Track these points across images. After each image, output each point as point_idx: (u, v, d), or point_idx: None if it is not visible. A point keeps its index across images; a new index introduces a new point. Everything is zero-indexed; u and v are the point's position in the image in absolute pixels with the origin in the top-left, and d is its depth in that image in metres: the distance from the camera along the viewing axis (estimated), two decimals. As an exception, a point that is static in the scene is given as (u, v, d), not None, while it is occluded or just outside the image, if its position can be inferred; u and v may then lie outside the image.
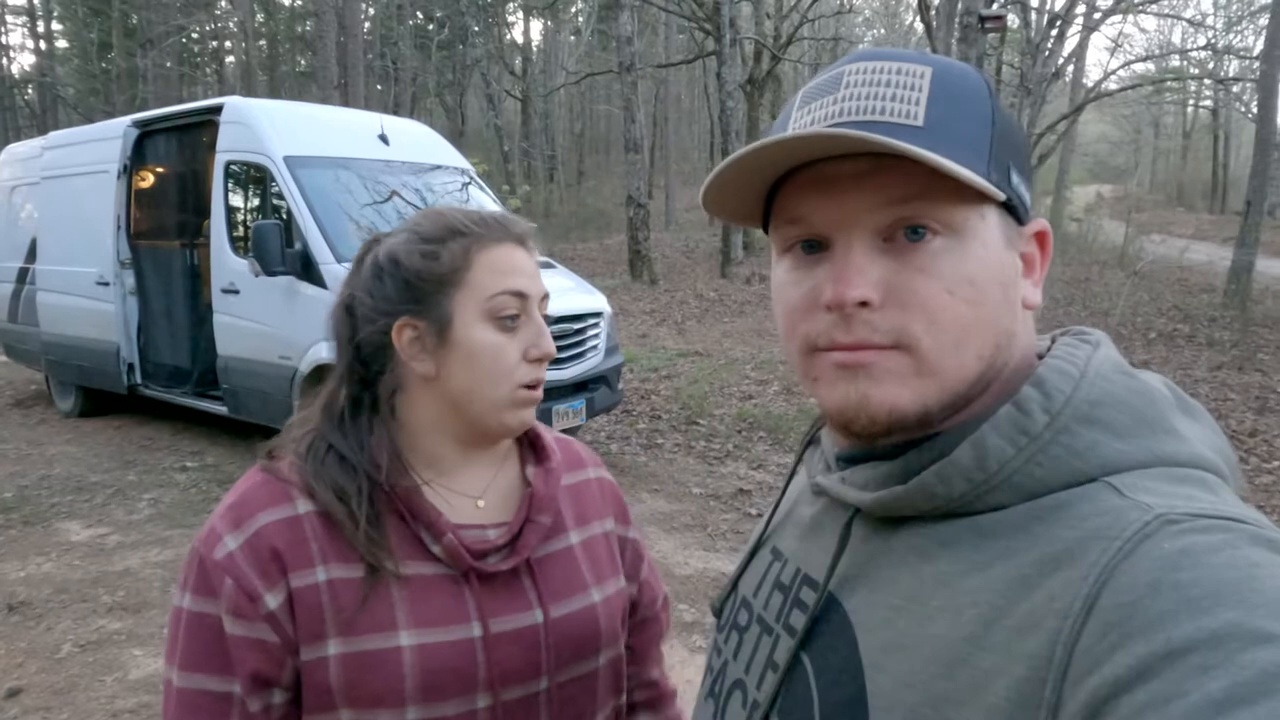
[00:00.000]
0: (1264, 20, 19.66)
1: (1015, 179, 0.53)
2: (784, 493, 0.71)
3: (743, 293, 12.44)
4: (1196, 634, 0.37)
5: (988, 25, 8.35)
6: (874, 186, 0.51)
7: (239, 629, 0.77)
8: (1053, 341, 0.57)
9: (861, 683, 0.50)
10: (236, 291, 5.56)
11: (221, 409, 5.85)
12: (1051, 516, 0.47)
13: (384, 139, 6.07)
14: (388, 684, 0.78)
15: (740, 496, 5.06)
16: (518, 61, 28.48)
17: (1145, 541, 0.42)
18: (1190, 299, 11.07)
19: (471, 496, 0.89)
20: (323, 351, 5.01)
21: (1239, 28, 27.43)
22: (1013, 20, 12.33)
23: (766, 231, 0.59)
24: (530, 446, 0.97)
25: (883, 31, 37.37)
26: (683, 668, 3.19)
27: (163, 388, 6.39)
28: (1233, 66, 24.77)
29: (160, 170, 6.77)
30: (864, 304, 0.51)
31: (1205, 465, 0.49)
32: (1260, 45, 21.98)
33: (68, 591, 3.72)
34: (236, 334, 5.57)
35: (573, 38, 30.62)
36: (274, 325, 5.31)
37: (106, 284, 6.45)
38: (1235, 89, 25.32)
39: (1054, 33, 15.15)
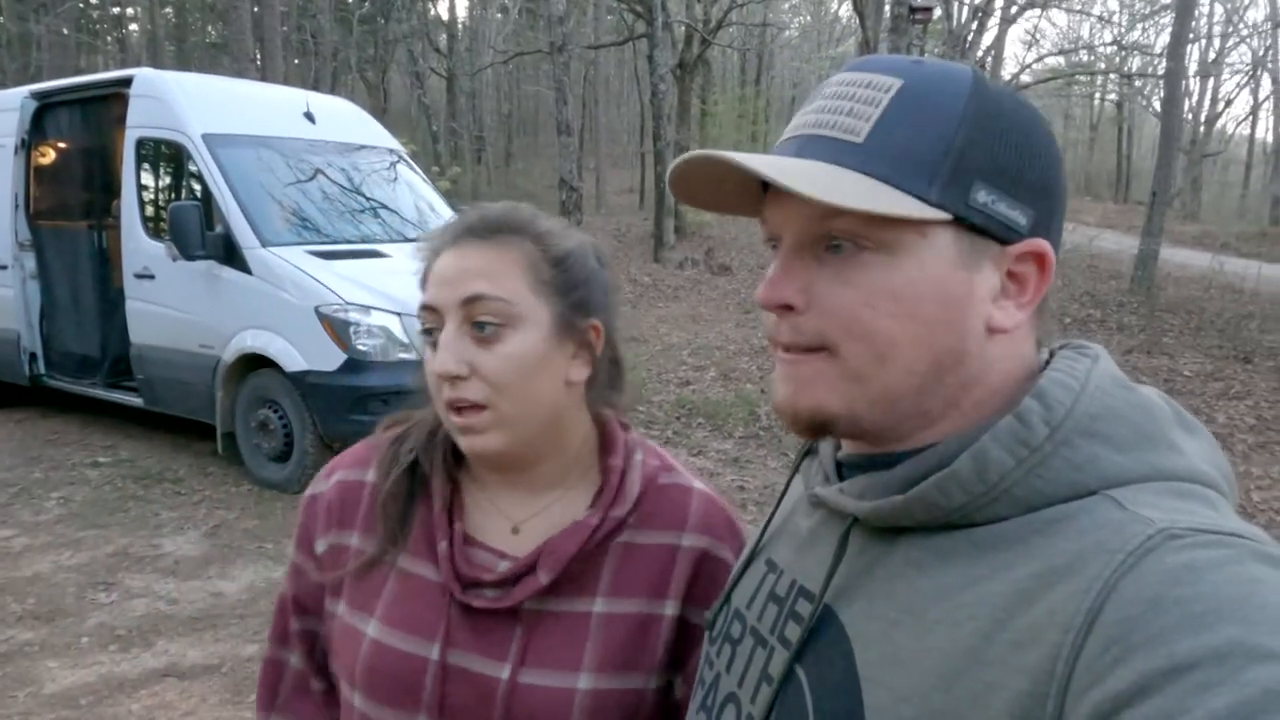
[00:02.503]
0: (1167, 19, 20.67)
1: (983, 197, 0.51)
2: (779, 503, 0.70)
3: (676, 277, 12.46)
4: (1199, 650, 0.37)
5: (916, 16, 8.50)
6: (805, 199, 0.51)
7: (297, 557, 0.89)
8: (1051, 355, 0.56)
9: (858, 696, 0.50)
10: (151, 276, 5.25)
11: (136, 401, 5.54)
12: (1051, 529, 0.47)
13: (310, 117, 5.81)
14: (349, 662, 0.80)
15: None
16: (443, 39, 27.76)
17: (1148, 556, 0.42)
18: (1100, 285, 11.57)
19: (510, 519, 0.82)
20: (247, 339, 4.79)
21: (1143, 25, 28.74)
22: (937, 11, 12.62)
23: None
24: (607, 484, 0.81)
25: (808, 18, 37.82)
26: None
27: (70, 378, 6.01)
28: (1136, 62, 25.99)
29: (63, 145, 6.33)
30: (788, 307, 0.54)
31: (1205, 480, 0.49)
32: (1161, 42, 23.14)
33: (-30, 600, 3.47)
34: (152, 321, 5.27)
35: (500, 15, 30.01)
36: (194, 312, 5.04)
37: (4, 267, 6.03)
38: (1138, 84, 26.56)
39: (974, 25, 15.57)
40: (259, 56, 16.38)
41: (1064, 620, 0.42)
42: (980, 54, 17.14)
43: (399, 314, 4.60)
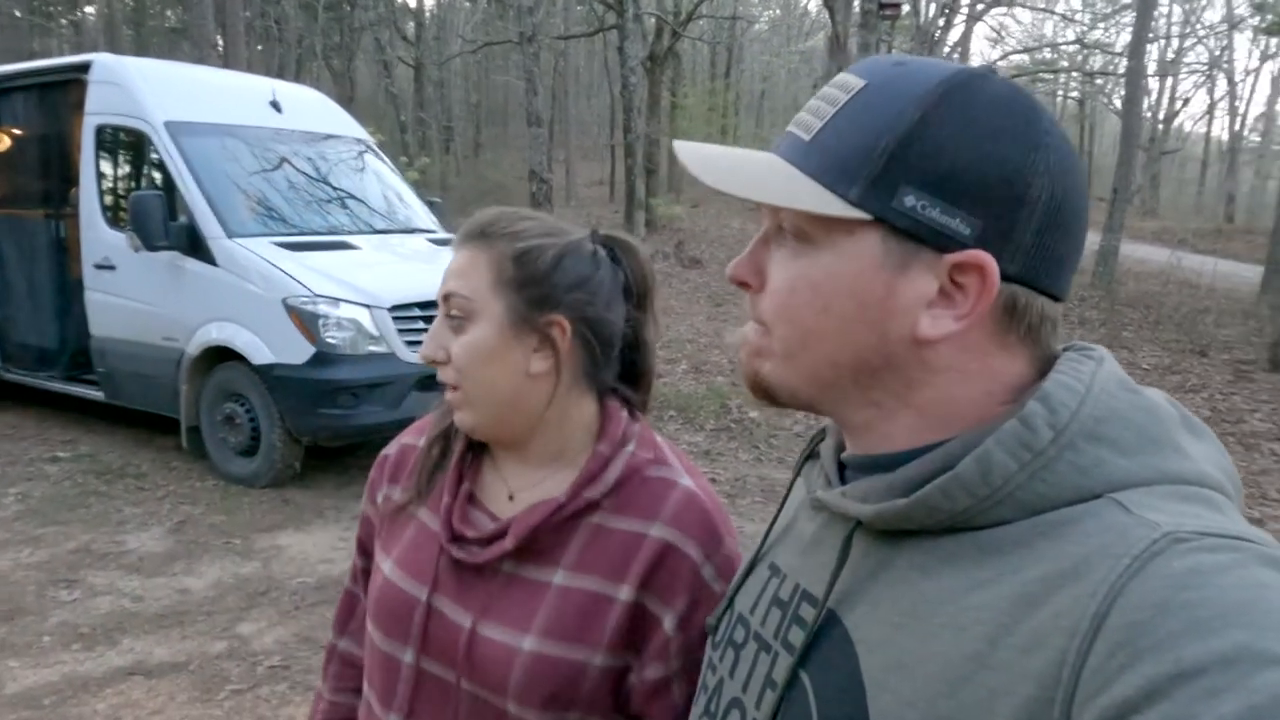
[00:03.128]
0: (1128, 18, 21.05)
1: (911, 201, 0.50)
2: (781, 507, 0.70)
3: (646, 270, 12.46)
4: (1206, 656, 0.37)
5: (885, 12, 8.57)
6: None
7: (367, 507, 1.02)
8: (1054, 358, 0.56)
9: (863, 702, 0.50)
10: (112, 267, 5.14)
11: (97, 394, 5.42)
12: (1056, 533, 0.46)
13: (276, 106, 5.70)
14: (370, 596, 0.93)
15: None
16: (410, 27, 27.41)
17: (1154, 560, 0.42)
18: (1063, 280, 11.79)
19: (509, 487, 0.91)
20: (212, 332, 4.71)
21: (1104, 24, 29.26)
22: (905, 8, 12.72)
23: None
24: (590, 470, 0.87)
25: (778, 11, 37.94)
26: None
27: (27, 371, 5.86)
28: (1098, 61, 26.46)
29: (17, 131, 6.15)
30: (744, 283, 0.58)
31: (1211, 484, 0.48)
32: (1121, 41, 23.57)
33: (-75, 599, 3.38)
34: (113, 313, 5.16)
35: (468, 4, 29.70)
36: (157, 304, 4.94)
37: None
38: (1100, 82, 27.06)
39: (942, 21, 15.74)
40: (221, 42, 16.05)
41: (1070, 625, 0.42)
42: (947, 50, 17.32)
43: (369, 306, 4.55)
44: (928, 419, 0.54)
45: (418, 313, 4.70)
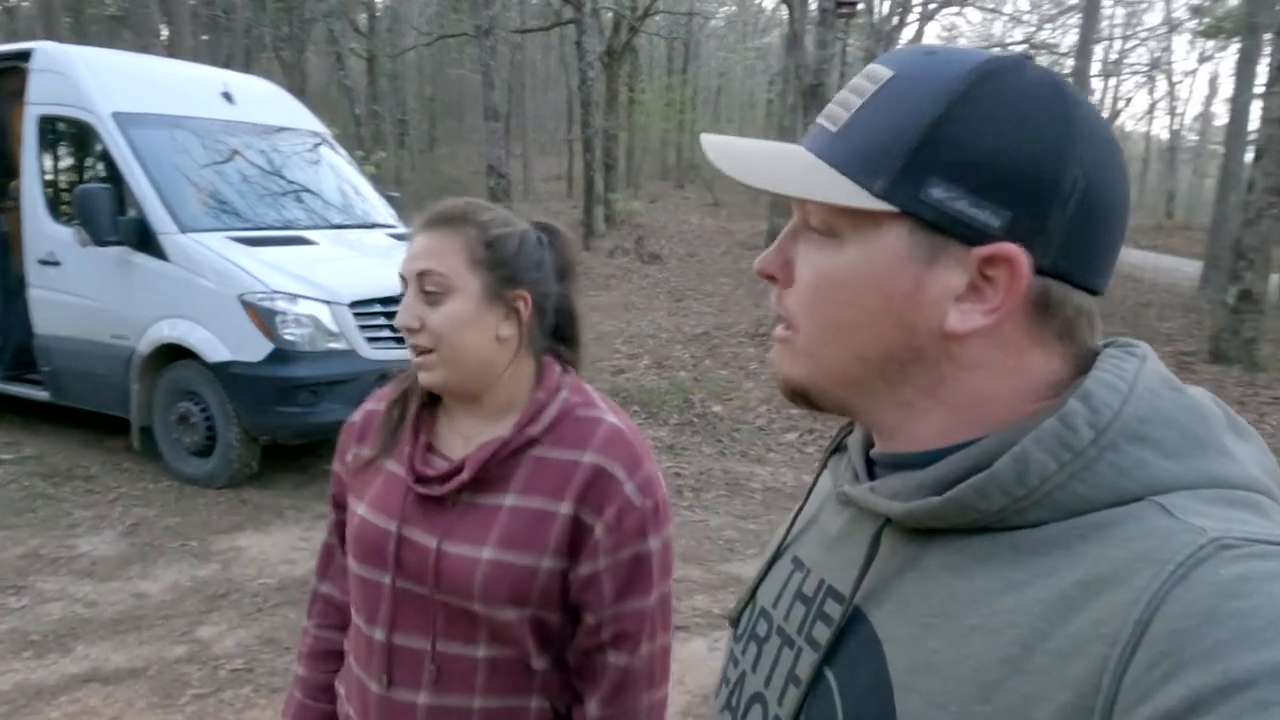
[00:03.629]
0: (1074, 19, 21.58)
1: (938, 194, 0.49)
2: (806, 499, 0.69)
3: (607, 266, 12.45)
4: (1256, 666, 0.36)
5: (841, 10, 8.67)
6: None
7: (337, 465, 1.18)
8: (1095, 354, 0.54)
9: (890, 702, 0.49)
10: (57, 263, 4.97)
11: (41, 394, 5.24)
12: (1096, 535, 0.45)
13: (228, 97, 5.57)
14: (349, 535, 1.09)
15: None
16: (363, 18, 26.93)
17: (1200, 566, 0.40)
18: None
19: (464, 435, 1.08)
20: (164, 329, 4.58)
21: (1051, 25, 29.96)
22: (860, 5, 12.88)
23: None
24: (529, 412, 1.06)
25: (734, 7, 38.10)
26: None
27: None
28: (1045, 61, 27.05)
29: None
30: (772, 279, 0.57)
31: (1258, 488, 0.47)
32: (1068, 42, 24.16)
33: None
34: (59, 310, 4.99)
35: (422, -4, 29.26)
36: (105, 301, 4.79)
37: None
38: (1047, 81, 27.65)
39: (896, 20, 15.98)
40: (166, 32, 15.60)
41: (1110, 632, 0.41)
42: (901, 47, 17.60)
43: (328, 302, 4.47)
44: (959, 417, 0.53)
45: (379, 309, 4.64)
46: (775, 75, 23.97)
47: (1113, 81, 31.80)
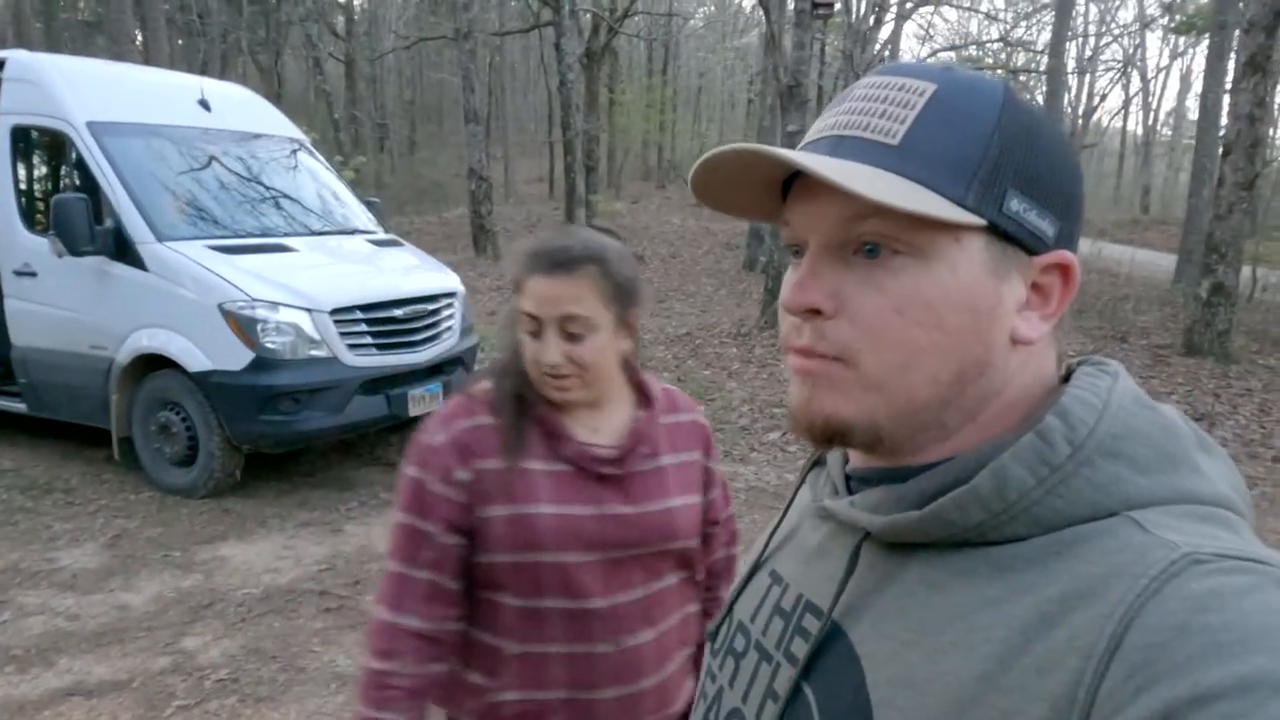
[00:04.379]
0: (1048, 17, 21.80)
1: (1015, 205, 0.51)
2: (784, 514, 0.69)
3: (588, 268, 12.44)
4: (1225, 680, 0.37)
5: (818, 11, 8.72)
6: (840, 200, 0.50)
7: (444, 490, 1.18)
8: (1069, 371, 0.56)
9: (869, 718, 0.49)
10: (33, 274, 4.93)
11: (19, 406, 5.19)
12: (1071, 551, 0.46)
13: (205, 104, 5.54)
14: (533, 535, 1.16)
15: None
16: (340, 21, 26.79)
17: (1172, 581, 0.41)
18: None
19: (589, 426, 1.24)
20: (143, 339, 4.56)
21: (1026, 23, 30.26)
22: (838, 6, 12.95)
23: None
24: (641, 395, 1.29)
25: (713, 8, 38.19)
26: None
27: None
28: (1021, 58, 27.33)
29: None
30: (815, 311, 0.52)
31: (1227, 504, 0.48)
32: (1043, 40, 24.43)
33: None
34: (35, 321, 4.95)
35: (400, -1, 29.15)
36: (83, 311, 4.76)
37: None
38: (1023, 78, 27.94)
39: (872, 19, 16.08)
40: (140, 37, 15.48)
41: (1085, 646, 0.41)
42: (878, 47, 17.72)
43: (309, 310, 4.46)
44: (981, 431, 0.53)
45: (359, 315, 4.63)
46: (755, 75, 24.07)
47: (1087, 78, 32.15)
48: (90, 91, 5.04)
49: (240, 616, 3.37)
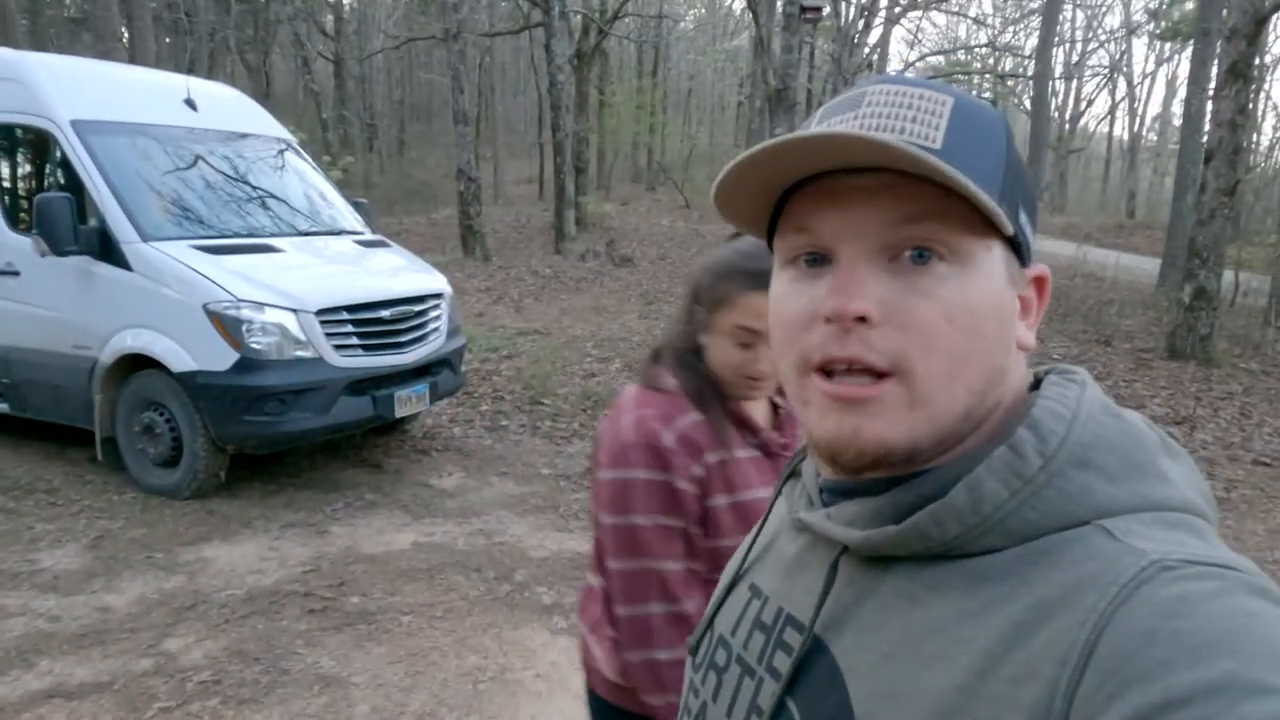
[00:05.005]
0: (1036, 22, 21.94)
1: (1023, 218, 0.53)
2: (761, 526, 0.69)
3: (578, 269, 12.45)
4: (1195, 684, 0.38)
5: (807, 15, 8.76)
6: (885, 203, 0.50)
7: (684, 486, 1.26)
8: (1037, 380, 0.56)
9: None
10: (15, 273, 4.89)
11: (2, 407, 5.15)
12: (1044, 560, 0.46)
13: (191, 104, 5.51)
14: (754, 517, 1.15)
15: (588, 476, 5.10)
16: (329, 20, 26.68)
17: (1142, 588, 0.42)
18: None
19: (758, 416, 1.35)
20: (128, 339, 4.53)
21: (1014, 28, 30.45)
22: (826, 9, 13.01)
23: (770, 241, 0.58)
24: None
25: (703, 10, 38.26)
26: (544, 651, 3.20)
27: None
28: (1009, 63, 27.50)
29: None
30: (863, 319, 0.50)
31: (1193, 509, 0.49)
32: (1030, 45, 24.59)
33: None
34: (17, 321, 4.92)
35: (389, -1, 29.06)
36: (66, 311, 4.73)
37: None
38: (1011, 83, 28.14)
39: (861, 24, 16.16)
40: (127, 35, 15.37)
41: (1059, 654, 0.42)
42: (867, 51, 17.79)
43: (295, 311, 4.45)
44: (986, 438, 0.53)
45: (346, 316, 4.62)
46: (745, 78, 24.11)
47: (1074, 83, 32.39)
48: (75, 90, 5.01)
49: (224, 618, 3.35)
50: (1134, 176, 30.60)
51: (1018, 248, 0.54)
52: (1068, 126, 30.14)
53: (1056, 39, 18.89)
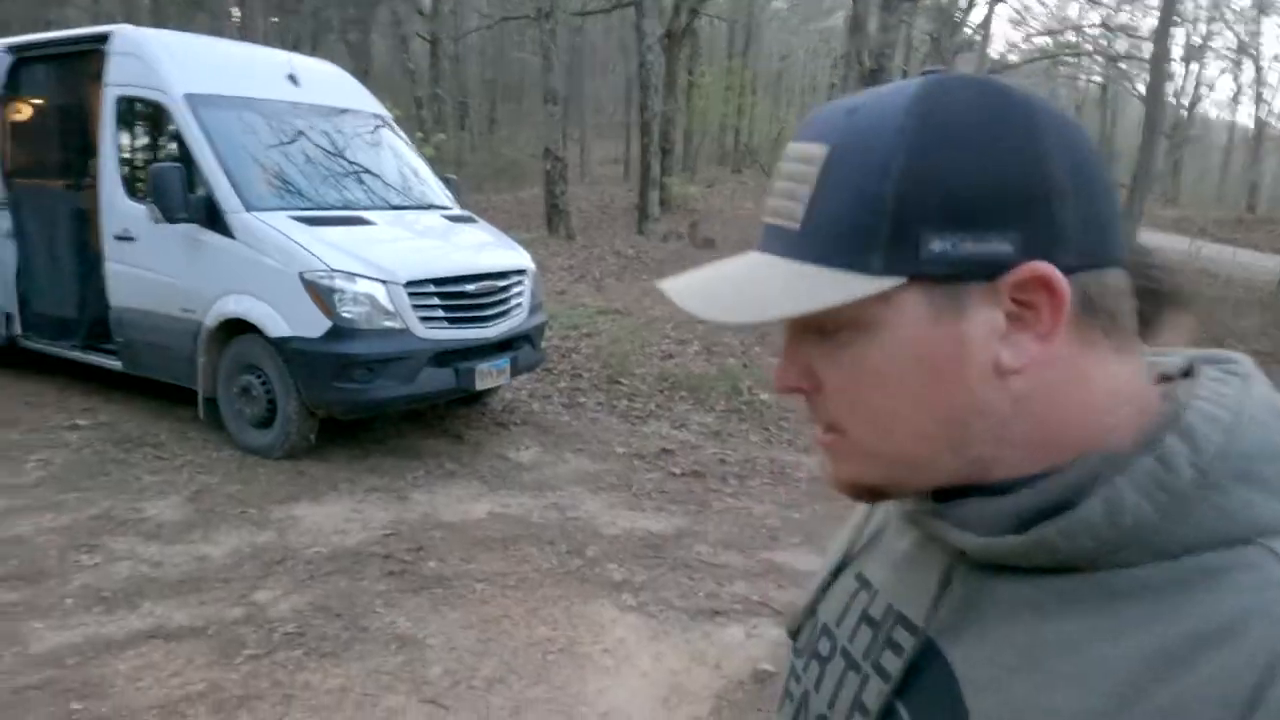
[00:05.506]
0: (1154, 1, 20.67)
1: (938, 247, 0.46)
2: (869, 512, 0.66)
3: (660, 250, 12.44)
4: None
5: (907, -7, 8.46)
6: None
7: None
8: (1190, 368, 0.51)
9: None
10: (132, 238, 5.18)
11: (116, 364, 5.49)
12: (1202, 583, 0.42)
13: (293, 79, 5.71)
14: None
15: (663, 456, 5.12)
16: (427, 1, 27.23)
17: None
18: (1080, 267, 11.71)
19: None
20: (229, 304, 4.76)
21: (1130, 7, 28.76)
22: (927, -12, 12.56)
23: None
24: None
25: (798, -10, 37.44)
26: (613, 627, 3.23)
27: (47, 340, 5.94)
28: (1122, 45, 26.02)
29: (39, 102, 6.19)
30: (799, 390, 0.54)
31: None
32: (1147, 25, 23.16)
33: (-49, 561, 3.46)
34: (132, 284, 5.22)
35: (485, -22, 29.45)
36: (175, 276, 4.99)
37: (-16, 227, 5.92)
38: (1124, 66, 26.64)
39: (964, 2, 15.53)
40: (238, 14, 16.04)
41: (1220, 694, 0.39)
42: (969, 31, 17.12)
43: (385, 282, 4.58)
44: (1033, 451, 0.49)
45: (432, 289, 4.74)
46: (839, 59, 23.52)
47: (1194, 66, 30.43)
48: (188, 65, 5.25)
49: (309, 574, 3.50)
50: (1257, 168, 28.62)
51: (950, 276, 0.47)
52: (1185, 113, 28.38)
53: (1177, 18, 17.74)
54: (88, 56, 5.66)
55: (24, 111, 6.16)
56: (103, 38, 5.41)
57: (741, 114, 26.23)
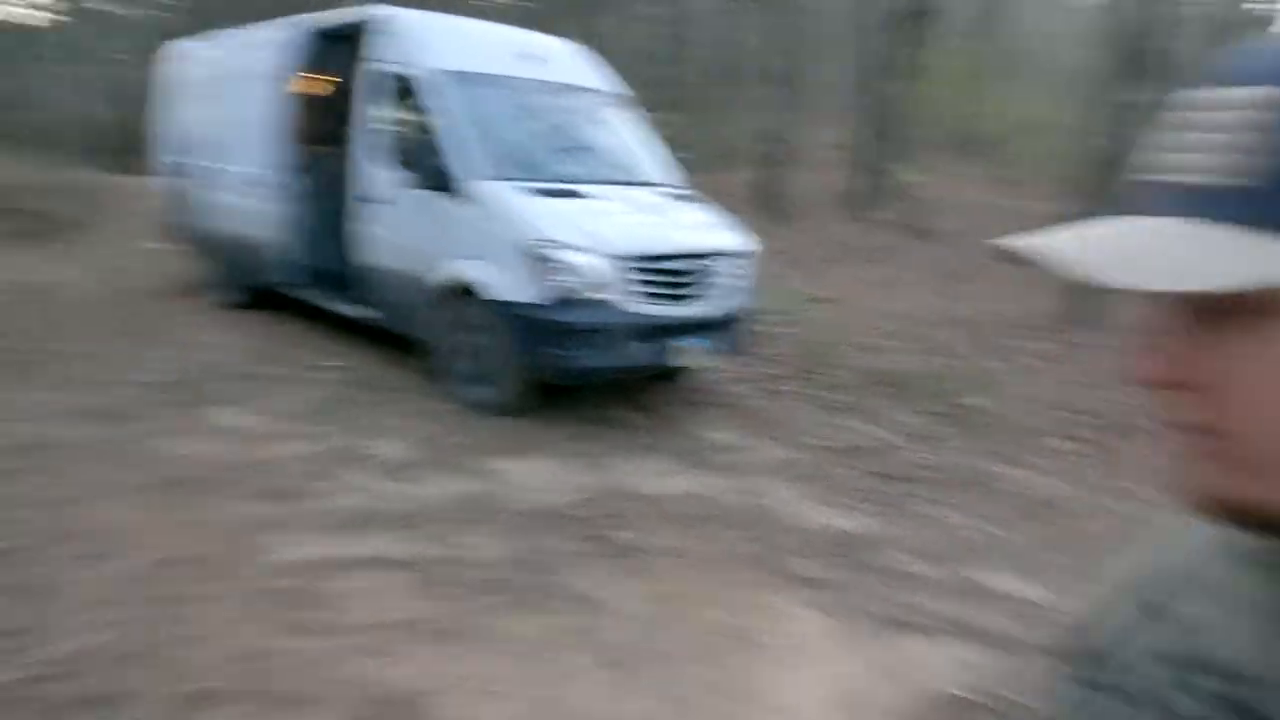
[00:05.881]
0: None
1: None
2: (1162, 536, 0.59)
3: (877, 238, 11.96)
4: None
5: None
6: None
7: None
8: None
9: None
10: (385, 202, 5.72)
11: (375, 316, 6.06)
12: None
13: (534, 57, 6.02)
14: None
15: (859, 453, 4.93)
16: (660, -19, 27.67)
17: None
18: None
19: None
20: (460, 267, 5.12)
21: None
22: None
23: None
24: None
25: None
26: (790, 621, 3.16)
27: (317, 290, 6.68)
28: None
29: (319, 76, 6.97)
30: (1172, 383, 0.47)
31: None
32: None
33: (219, 473, 4.02)
34: (383, 244, 5.76)
35: (719, -41, 29.42)
36: (418, 239, 5.44)
37: (268, 185, 6.76)
38: None
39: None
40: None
41: None
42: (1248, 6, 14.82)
43: (602, 255, 4.74)
44: None
45: (646, 264, 4.84)
46: (1098, 39, 21.27)
47: None
48: (438, 42, 5.69)
49: (514, 527, 3.72)
50: None
51: None
52: None
53: None
54: (353, 35, 6.27)
55: (307, 84, 6.96)
56: (365, 18, 5.98)
57: (976, 99, 24.44)
